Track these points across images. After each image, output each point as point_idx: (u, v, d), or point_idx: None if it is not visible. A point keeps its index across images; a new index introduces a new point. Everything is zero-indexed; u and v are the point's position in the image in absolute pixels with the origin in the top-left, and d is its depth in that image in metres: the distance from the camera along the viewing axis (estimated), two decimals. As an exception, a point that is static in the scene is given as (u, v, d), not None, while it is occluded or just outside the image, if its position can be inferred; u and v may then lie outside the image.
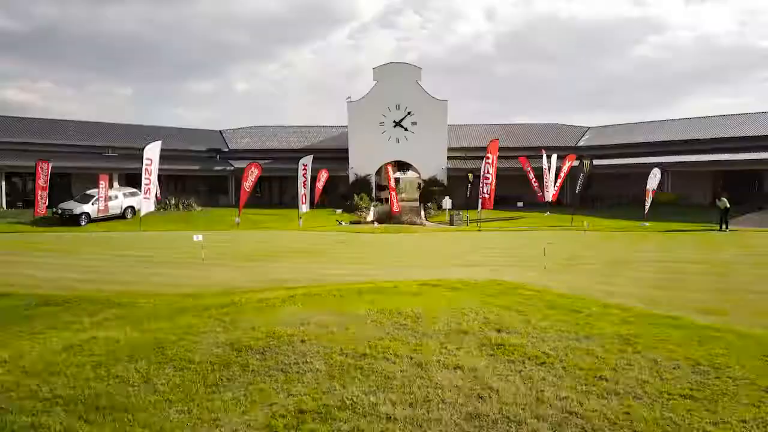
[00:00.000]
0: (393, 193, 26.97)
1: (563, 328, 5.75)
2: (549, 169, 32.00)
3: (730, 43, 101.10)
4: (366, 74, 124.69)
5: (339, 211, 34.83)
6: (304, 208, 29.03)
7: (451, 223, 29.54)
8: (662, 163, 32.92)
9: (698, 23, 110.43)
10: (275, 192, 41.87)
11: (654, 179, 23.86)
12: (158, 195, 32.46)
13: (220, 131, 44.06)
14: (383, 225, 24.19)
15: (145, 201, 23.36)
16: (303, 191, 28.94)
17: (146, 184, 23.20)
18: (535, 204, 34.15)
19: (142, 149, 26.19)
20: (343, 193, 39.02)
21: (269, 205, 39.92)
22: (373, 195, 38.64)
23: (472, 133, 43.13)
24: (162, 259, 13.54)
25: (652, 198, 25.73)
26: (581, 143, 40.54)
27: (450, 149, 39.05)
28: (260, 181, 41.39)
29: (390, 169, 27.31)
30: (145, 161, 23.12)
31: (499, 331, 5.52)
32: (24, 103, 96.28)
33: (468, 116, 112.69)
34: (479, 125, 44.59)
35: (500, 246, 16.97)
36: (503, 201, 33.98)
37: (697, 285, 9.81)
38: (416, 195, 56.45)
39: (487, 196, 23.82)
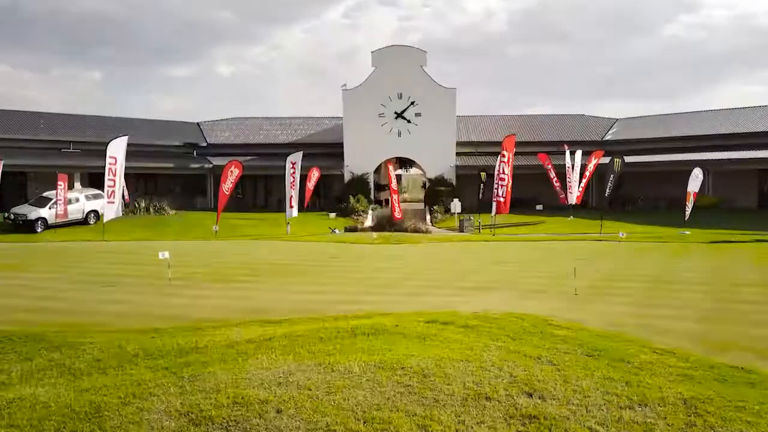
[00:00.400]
0: (395, 196, 26.34)
1: (611, 388, 5.08)
2: (573, 168, 31.32)
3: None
4: (363, 57, 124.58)
5: (332, 215, 34.24)
6: (292, 212, 28.41)
7: (461, 230, 28.94)
8: (702, 160, 32.34)
9: (735, 1, 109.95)
10: (260, 192, 41.27)
11: (696, 181, 23.22)
12: (126, 197, 31.83)
13: (197, 123, 43.48)
14: (383, 234, 23.40)
15: (108, 206, 22.67)
16: (291, 193, 28.31)
17: (110, 186, 22.52)
18: (557, 207, 33.59)
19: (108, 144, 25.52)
20: (338, 194, 38.44)
21: (253, 207, 39.36)
22: (372, 196, 38.03)
23: (483, 125, 42.54)
24: (124, 279, 12.88)
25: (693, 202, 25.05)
26: (608, 137, 39.91)
27: (459, 144, 38.43)
28: (243, 180, 40.77)
29: (391, 167, 26.65)
30: (108, 160, 22.44)
31: (530, 395, 4.86)
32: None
33: (477, 105, 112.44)
34: (492, 116, 44.01)
35: (518, 260, 16.30)
36: (520, 203, 33.34)
37: (759, 316, 9.17)
38: (420, 194, 55.76)
39: (502, 199, 23.16)
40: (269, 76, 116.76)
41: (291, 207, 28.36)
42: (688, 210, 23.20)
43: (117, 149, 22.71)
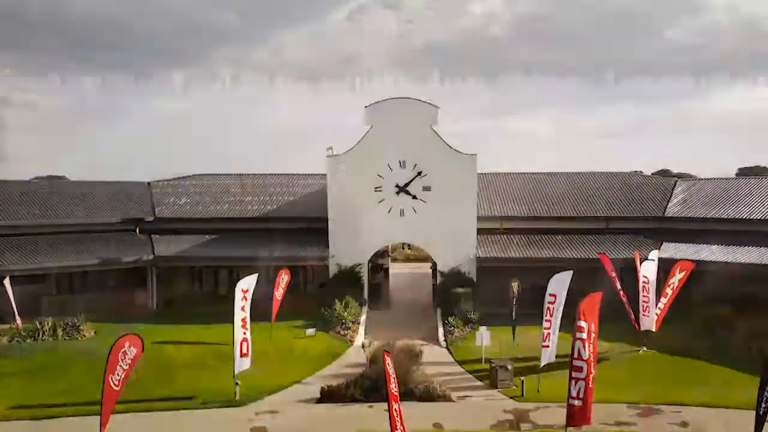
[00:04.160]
0: (398, 424, 14.51)
1: None
2: (649, 280, 21.56)
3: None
4: (366, 61, 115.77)
5: (311, 330, 24.58)
6: (244, 362, 18.75)
7: (495, 385, 19.28)
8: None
9: (739, 4, 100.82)
10: (222, 279, 31.27)
11: None
12: (18, 321, 22.23)
13: (148, 183, 33.72)
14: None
15: None
16: (242, 335, 18.72)
17: None
18: (614, 317, 23.43)
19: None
20: (323, 283, 28.86)
21: (212, 302, 29.26)
22: (365, 295, 28.21)
23: (507, 186, 32.78)
24: None
25: None
26: (671, 211, 29.99)
27: (478, 218, 28.62)
28: (200, 268, 31.13)
29: (392, 387, 14.50)
30: None
31: None
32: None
33: (479, 114, 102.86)
34: (517, 175, 34.21)
35: None
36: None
37: None
38: (426, 253, 45.62)
39: (578, 402, 13.29)
40: (271, 79, 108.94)
41: (243, 355, 18.67)
42: None
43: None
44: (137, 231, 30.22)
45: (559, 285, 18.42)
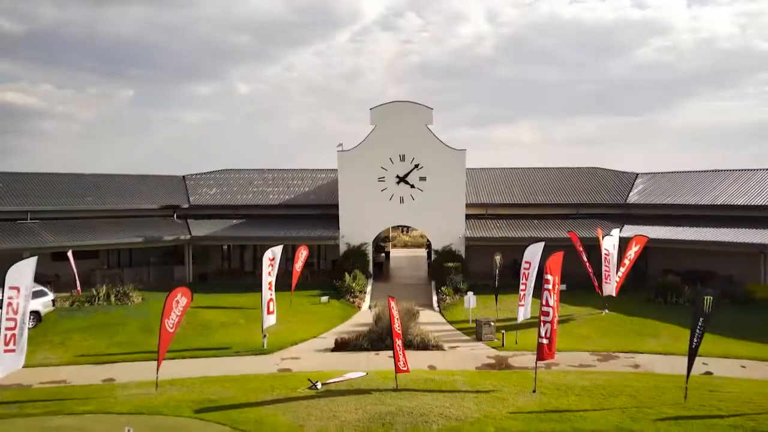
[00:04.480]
0: (401, 357, 15.54)
1: None
2: (610, 253, 22.88)
3: (731, 46, 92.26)
4: (368, 77, 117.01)
5: (324, 298, 25.90)
6: (270, 319, 20.04)
7: (480, 338, 20.55)
8: (759, 244, 23.99)
9: (700, 26, 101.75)
10: (248, 258, 32.77)
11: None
12: (78, 288, 23.53)
13: (183, 177, 35.03)
14: (383, 399, 14.56)
15: (6, 355, 14.20)
16: (269, 296, 19.93)
17: (9, 329, 14.06)
18: (581, 285, 24.91)
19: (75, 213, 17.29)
20: (334, 260, 30.18)
21: (240, 275, 30.86)
22: (371, 269, 29.58)
23: (491, 179, 34.15)
24: None
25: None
26: (632, 199, 31.40)
27: (466, 205, 29.96)
28: (229, 246, 32.64)
29: (395, 316, 15.90)
30: (7, 293, 13.98)
31: None
32: (24, 106, 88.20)
33: (469, 121, 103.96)
34: (499, 169, 35.46)
35: None
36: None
37: None
38: (423, 239, 47.17)
39: (545, 341, 14.65)
40: (283, 93, 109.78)
41: (269, 313, 19.98)
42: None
43: (20, 277, 14.25)
44: (175, 216, 31.53)
45: (533, 254, 19.68)
